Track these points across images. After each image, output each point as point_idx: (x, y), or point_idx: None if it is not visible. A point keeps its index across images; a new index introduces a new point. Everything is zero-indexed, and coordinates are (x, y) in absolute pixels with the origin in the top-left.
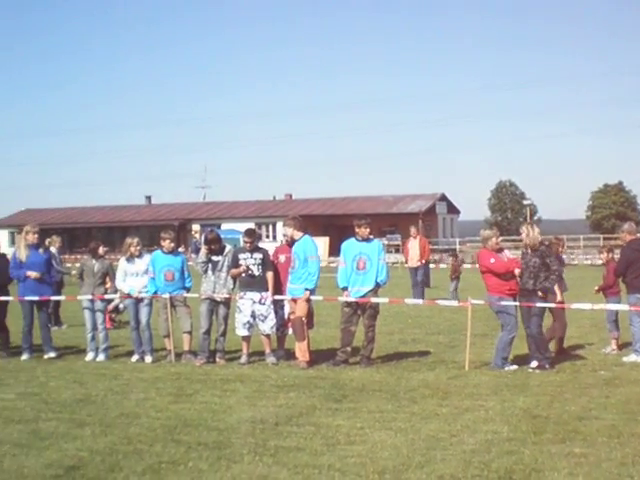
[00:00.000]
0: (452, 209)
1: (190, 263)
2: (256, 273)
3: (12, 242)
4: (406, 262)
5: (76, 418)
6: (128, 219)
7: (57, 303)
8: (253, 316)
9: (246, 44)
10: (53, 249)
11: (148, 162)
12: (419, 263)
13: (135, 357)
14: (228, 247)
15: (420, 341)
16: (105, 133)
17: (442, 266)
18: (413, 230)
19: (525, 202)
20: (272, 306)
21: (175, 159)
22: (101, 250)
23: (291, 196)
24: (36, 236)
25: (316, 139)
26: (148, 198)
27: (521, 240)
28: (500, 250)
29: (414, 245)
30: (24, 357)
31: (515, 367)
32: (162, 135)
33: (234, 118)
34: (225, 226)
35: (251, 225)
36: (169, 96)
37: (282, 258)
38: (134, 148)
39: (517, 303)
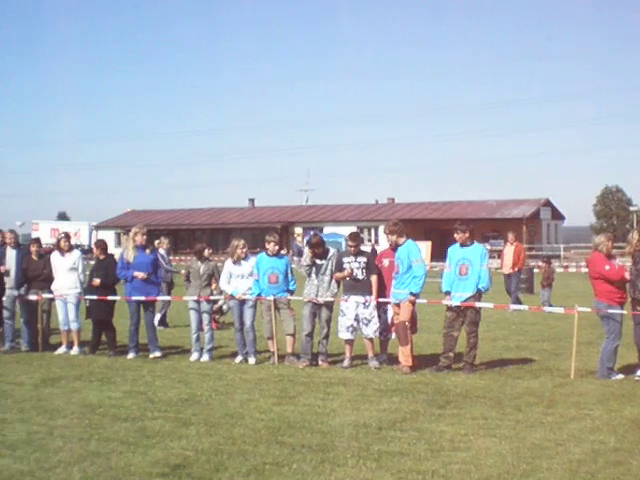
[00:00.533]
0: (556, 215)
1: (293, 266)
2: (360, 277)
3: (118, 243)
4: (501, 268)
5: (181, 417)
6: (231, 221)
7: (168, 303)
8: (357, 319)
9: (347, 44)
10: (162, 250)
11: (252, 165)
12: (511, 270)
13: (239, 358)
14: (332, 251)
15: (524, 348)
16: (209, 136)
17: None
18: (510, 236)
19: (632, 208)
20: (376, 310)
21: (278, 162)
22: (206, 252)
23: (393, 200)
24: (144, 237)
25: (419, 143)
26: (251, 201)
27: (629, 247)
28: (612, 257)
29: (509, 251)
30: (130, 356)
31: (621, 376)
32: (266, 138)
33: (337, 121)
34: (327, 230)
35: (353, 229)
36: (272, 99)
37: (386, 262)
38: (238, 151)
39: (624, 311)
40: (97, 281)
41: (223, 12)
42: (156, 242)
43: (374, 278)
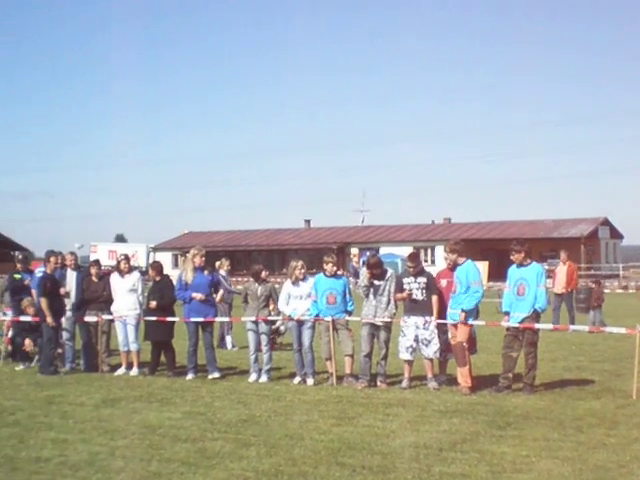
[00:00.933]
0: (615, 233)
1: (350, 286)
2: (420, 297)
3: (175, 264)
4: (552, 286)
5: (241, 438)
6: (287, 242)
7: (228, 325)
8: (416, 340)
9: (401, 63)
10: (223, 272)
11: (307, 185)
12: (564, 290)
13: (297, 379)
14: (390, 271)
15: (585, 369)
16: (265, 157)
17: (606, 291)
18: (563, 255)
19: None
20: (436, 330)
21: (334, 182)
22: (263, 274)
23: (449, 220)
24: (203, 259)
25: (474, 163)
26: (307, 222)
27: None
28: None
29: (562, 271)
30: (189, 377)
31: None
32: (321, 158)
33: (393, 141)
34: (383, 250)
35: (409, 249)
36: (327, 120)
37: (443, 282)
38: (293, 172)
39: None
40: (153, 304)
41: (282, 27)
42: (217, 263)
43: (435, 298)
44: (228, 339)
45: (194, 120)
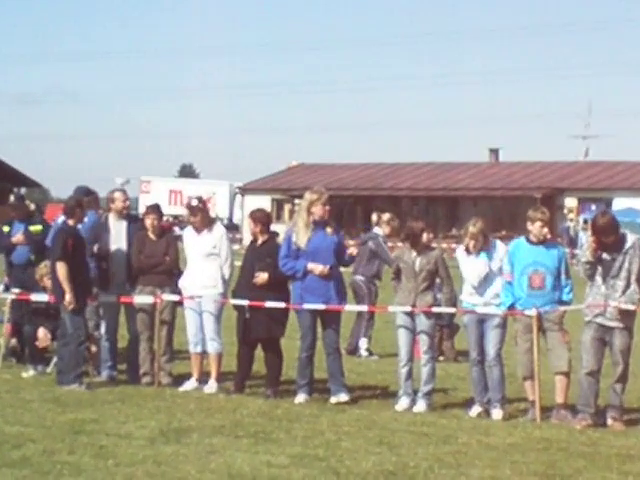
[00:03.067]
0: None
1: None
2: None
3: (277, 216)
4: None
5: None
6: (461, 185)
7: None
8: None
9: None
10: (379, 230)
11: (492, 96)
12: None
13: (476, 409)
14: (630, 238)
15: None
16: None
17: None
18: None
19: None
20: None
21: (539, 90)
22: (425, 236)
23: None
24: (326, 208)
25: None
26: (494, 152)
27: None
28: None
29: None
30: (300, 399)
31: None
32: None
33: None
34: (619, 203)
35: None
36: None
37: None
38: (472, 73)
39: None
40: (263, 276)
41: None
42: (374, 216)
43: None
44: (364, 342)
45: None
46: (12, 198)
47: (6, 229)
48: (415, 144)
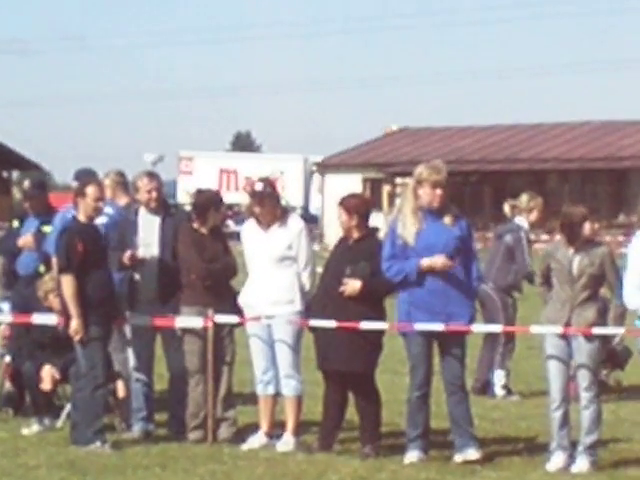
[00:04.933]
0: None
1: None
2: None
3: (374, 203)
4: None
5: None
6: (632, 153)
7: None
8: None
9: None
10: (521, 220)
11: None
12: None
13: None
14: None
15: None
16: None
17: None
18: None
19: None
20: None
21: None
22: (588, 226)
23: None
24: (438, 193)
25: None
26: None
27: None
28: None
29: None
30: (411, 457)
31: None
32: None
33: None
34: None
35: None
36: None
37: None
38: None
39: None
40: (354, 284)
41: None
42: (506, 207)
43: None
44: (499, 376)
45: None
46: (27, 183)
47: (15, 224)
48: (564, 97)
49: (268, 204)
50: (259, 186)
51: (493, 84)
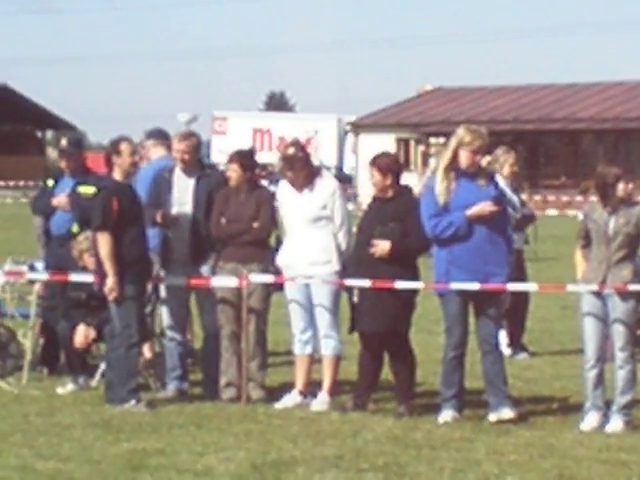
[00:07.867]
0: None
1: None
2: None
3: (405, 162)
4: None
5: None
6: None
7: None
8: None
9: None
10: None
11: None
12: None
13: None
14: None
15: None
16: None
17: None
18: None
19: None
20: None
21: None
22: (622, 186)
23: None
24: (476, 155)
25: None
26: None
27: None
28: None
29: None
30: (445, 417)
31: None
32: None
33: None
34: None
35: None
36: None
37: None
38: None
39: None
40: (384, 245)
41: None
42: (484, 160)
43: None
44: (502, 335)
45: None
46: (64, 141)
47: (50, 184)
48: (599, 56)
49: (299, 168)
50: (291, 150)
51: (527, 43)
